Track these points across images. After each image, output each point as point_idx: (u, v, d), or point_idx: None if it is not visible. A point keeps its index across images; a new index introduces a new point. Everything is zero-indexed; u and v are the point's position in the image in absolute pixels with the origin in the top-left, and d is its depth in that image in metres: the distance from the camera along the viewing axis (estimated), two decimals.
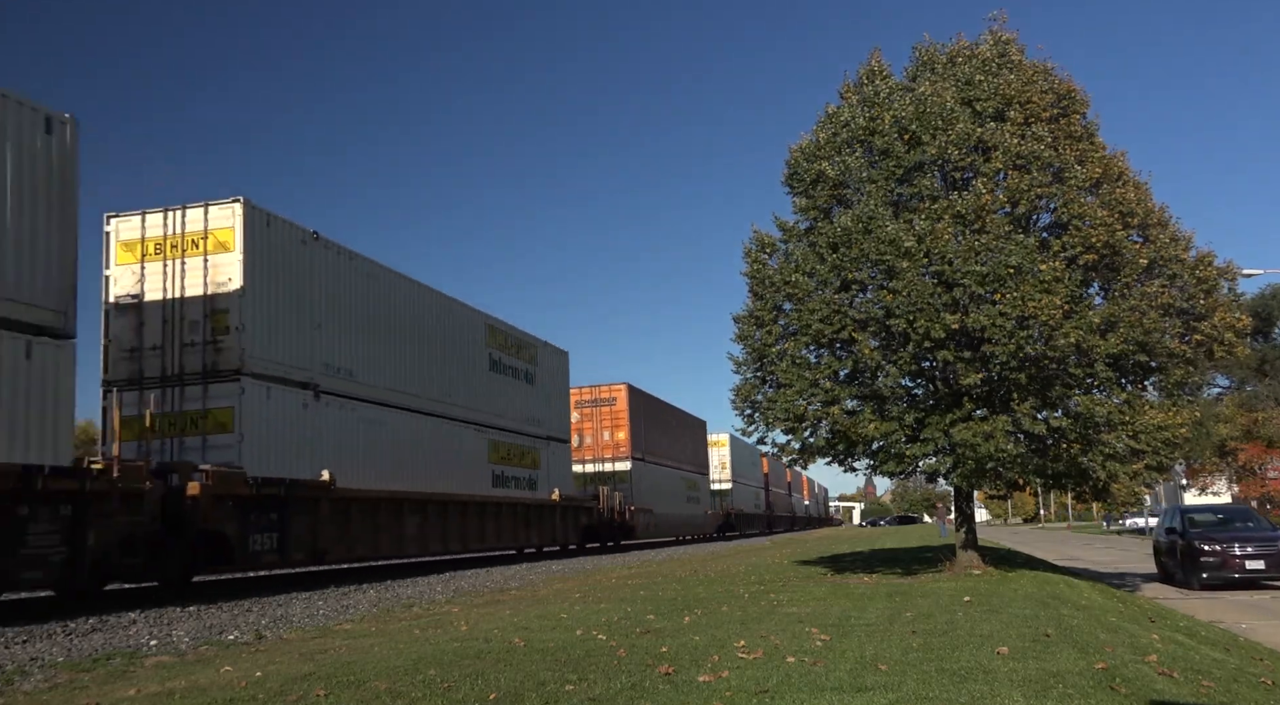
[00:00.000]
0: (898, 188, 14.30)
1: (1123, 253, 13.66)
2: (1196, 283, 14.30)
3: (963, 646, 7.35)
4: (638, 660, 6.93)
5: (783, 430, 14.99)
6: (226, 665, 7.58)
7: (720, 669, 6.40)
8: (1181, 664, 7.09)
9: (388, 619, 11.28)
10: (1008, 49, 14.89)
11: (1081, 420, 13.27)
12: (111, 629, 10.45)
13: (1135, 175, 14.81)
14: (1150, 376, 14.62)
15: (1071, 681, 5.94)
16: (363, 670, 6.79)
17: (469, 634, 9.01)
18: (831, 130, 15.13)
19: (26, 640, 9.55)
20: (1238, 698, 5.93)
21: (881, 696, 5.50)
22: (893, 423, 13.85)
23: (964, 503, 16.64)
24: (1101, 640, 8.00)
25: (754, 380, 15.42)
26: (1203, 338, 14.33)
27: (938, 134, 13.80)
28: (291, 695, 5.93)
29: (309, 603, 13.41)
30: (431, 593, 15.22)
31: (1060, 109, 14.50)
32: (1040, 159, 13.54)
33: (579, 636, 8.46)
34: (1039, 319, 12.61)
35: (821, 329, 13.86)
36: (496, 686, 6.01)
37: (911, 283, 12.98)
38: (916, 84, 14.95)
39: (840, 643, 7.65)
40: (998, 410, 13.77)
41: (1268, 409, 47.06)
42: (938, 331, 12.92)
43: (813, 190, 15.02)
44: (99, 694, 6.49)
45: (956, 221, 13.34)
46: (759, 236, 15.76)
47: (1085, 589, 14.09)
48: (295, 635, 9.88)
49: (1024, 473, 14.17)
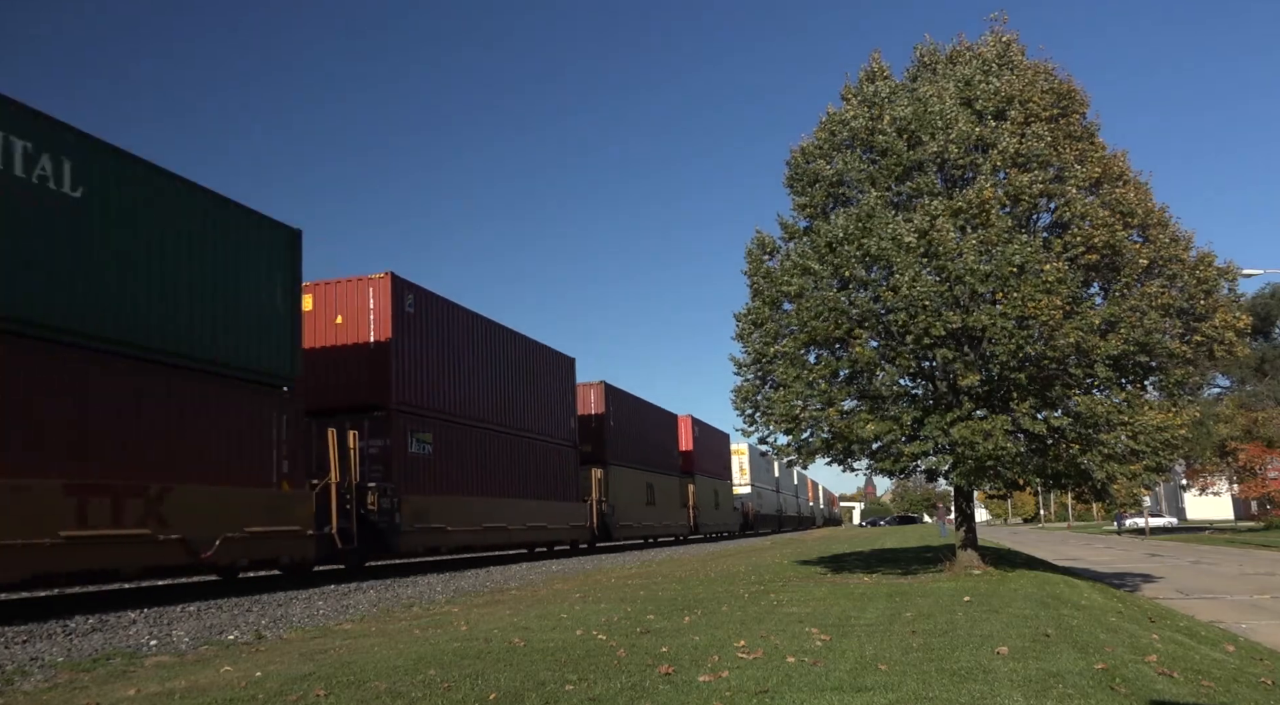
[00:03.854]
0: (897, 186, 14.32)
1: (1123, 253, 13.67)
2: (1196, 283, 14.31)
3: (963, 646, 7.35)
4: (638, 660, 6.93)
5: (781, 431, 15.01)
6: (226, 665, 7.58)
7: (720, 669, 6.40)
8: (1181, 664, 7.09)
9: (388, 619, 11.28)
10: (1008, 49, 14.91)
11: (1081, 420, 13.27)
12: (111, 629, 10.45)
13: (1136, 175, 14.82)
14: (1150, 376, 14.63)
15: (1071, 681, 5.93)
16: (363, 670, 6.79)
17: (469, 634, 9.01)
18: (832, 130, 15.16)
19: (26, 640, 9.55)
20: (1238, 698, 5.92)
21: (881, 696, 5.50)
22: (889, 423, 13.85)
23: (964, 503, 16.65)
24: (1101, 640, 8.00)
25: (754, 381, 15.44)
26: (1203, 338, 14.33)
27: (937, 133, 13.82)
28: (291, 695, 5.93)
29: (309, 603, 13.41)
30: (431, 593, 15.22)
31: (1060, 109, 14.51)
32: (1040, 158, 13.56)
33: (579, 636, 8.46)
34: (1039, 319, 12.62)
35: (821, 328, 13.86)
36: (496, 686, 6.01)
37: (912, 279, 12.99)
38: (917, 85, 14.97)
39: (840, 643, 7.65)
40: (997, 410, 13.78)
41: (1268, 409, 47.04)
42: (938, 329, 12.92)
43: (811, 189, 15.04)
44: (99, 694, 6.49)
45: (957, 217, 13.34)
46: (760, 237, 15.80)
47: (1085, 589, 14.09)
48: (295, 635, 9.88)
49: (1024, 472, 14.19)
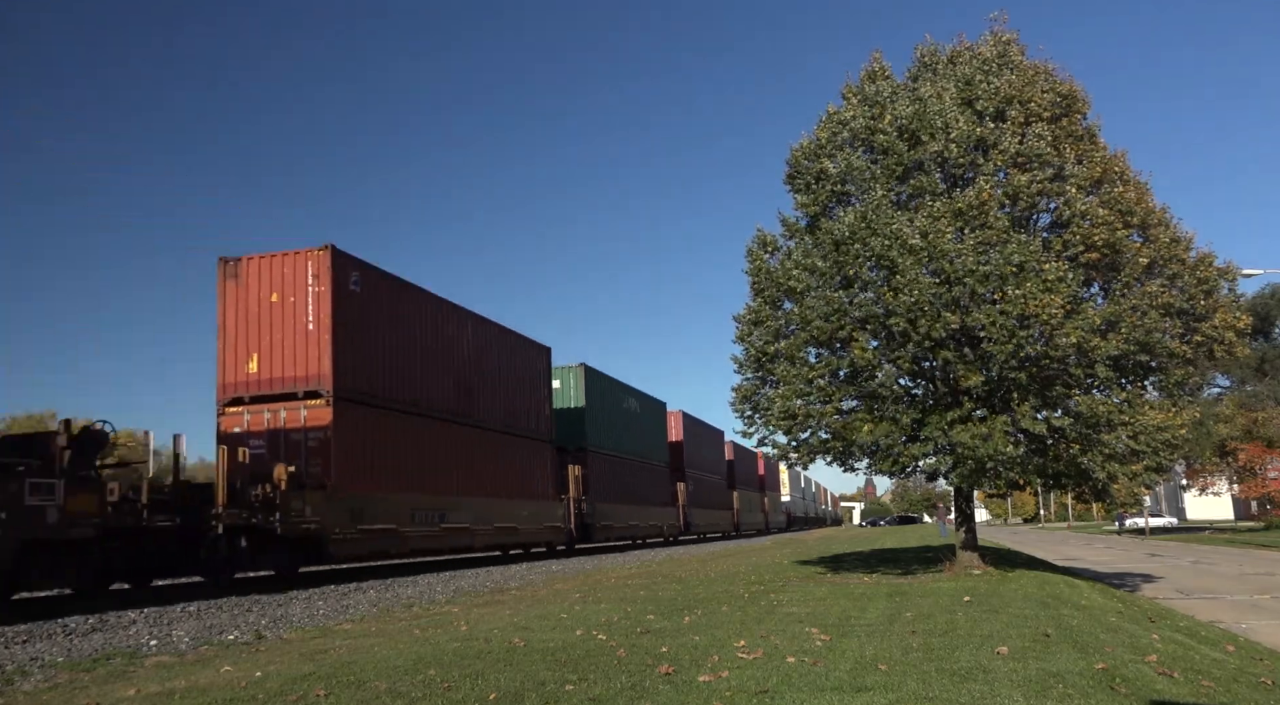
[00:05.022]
0: (898, 186, 14.31)
1: (1123, 252, 13.67)
2: (1196, 283, 14.31)
3: (963, 646, 7.35)
4: (638, 660, 6.93)
5: (781, 430, 15.00)
6: (226, 665, 7.58)
7: (720, 669, 6.40)
8: (1181, 664, 7.09)
9: (388, 619, 11.28)
10: (1008, 49, 14.90)
11: (1082, 420, 13.27)
12: (111, 629, 10.45)
13: (1136, 175, 14.82)
14: (1150, 376, 14.63)
15: (1071, 681, 5.94)
16: (363, 670, 6.79)
17: (469, 634, 9.01)
18: (832, 130, 15.16)
19: (26, 640, 9.55)
20: (1238, 698, 5.92)
21: (881, 696, 5.50)
22: (888, 425, 13.84)
23: (964, 503, 16.64)
24: (1101, 640, 8.00)
25: (754, 381, 15.43)
26: (1203, 338, 14.33)
27: (938, 133, 13.81)
28: (291, 695, 5.93)
29: (309, 603, 13.41)
30: (431, 593, 15.22)
31: (1061, 109, 14.51)
32: (1041, 157, 13.55)
33: (579, 636, 8.46)
34: (1040, 318, 12.61)
35: (821, 327, 13.86)
36: (496, 686, 6.01)
37: (914, 281, 12.98)
38: (918, 85, 14.97)
39: (840, 643, 7.65)
40: (997, 410, 13.77)
41: (1268, 409, 47.02)
42: (938, 331, 12.92)
43: (814, 187, 15.03)
44: (99, 694, 6.49)
45: (957, 218, 13.34)
46: (761, 235, 15.79)
47: (1085, 589, 14.08)
48: (295, 635, 9.89)
49: (1024, 473, 14.18)
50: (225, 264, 19.56)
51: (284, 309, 19.11)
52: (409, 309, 22.31)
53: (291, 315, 19.07)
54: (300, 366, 18.84)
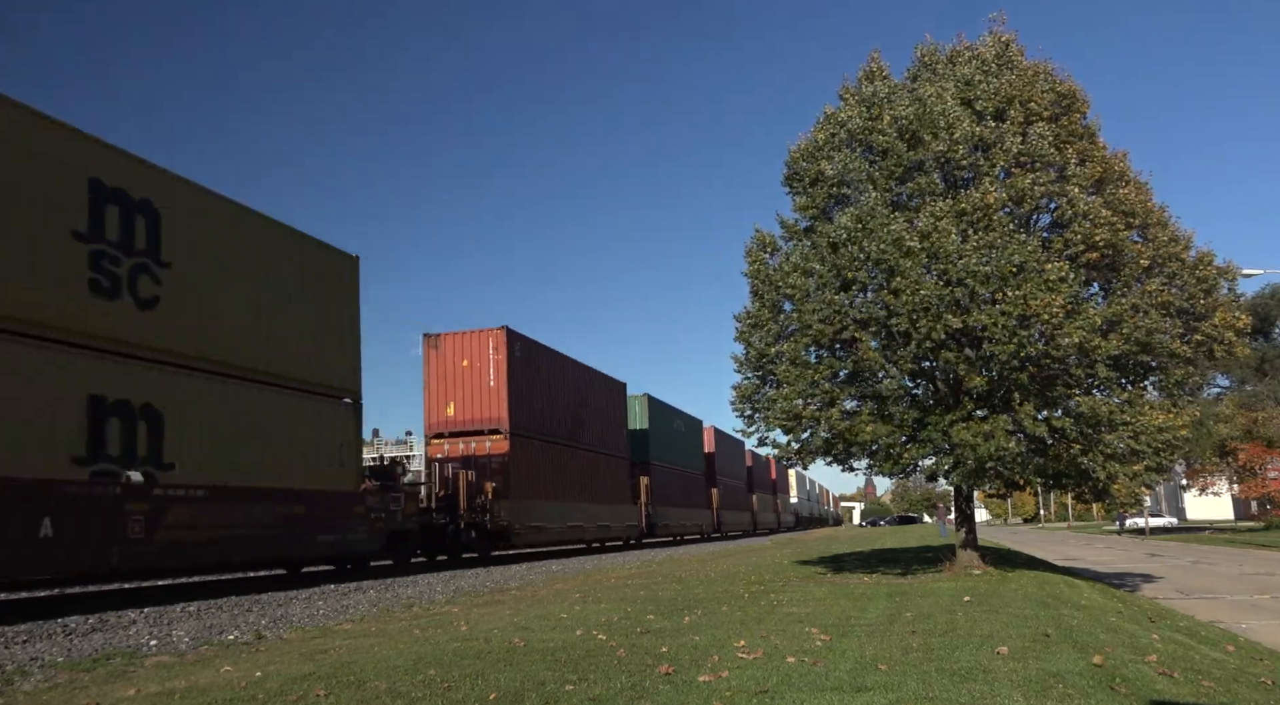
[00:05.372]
0: (898, 187, 14.30)
1: (1124, 251, 13.67)
2: (1196, 282, 14.31)
3: (963, 646, 7.35)
4: (638, 660, 6.93)
5: (781, 430, 15.00)
6: (226, 665, 7.58)
7: (720, 669, 6.40)
8: (1181, 664, 7.09)
9: (388, 619, 11.28)
10: (1008, 49, 14.89)
11: (1083, 420, 13.27)
12: (111, 629, 10.45)
13: (1136, 175, 14.82)
14: (1150, 376, 14.62)
15: (1071, 681, 5.93)
16: (363, 670, 6.79)
17: (469, 634, 9.01)
18: (830, 131, 15.14)
19: (26, 640, 9.55)
20: (1238, 698, 5.92)
21: (881, 696, 5.50)
22: (890, 425, 13.84)
23: (964, 503, 16.64)
24: (1101, 640, 8.00)
25: (754, 381, 15.43)
26: (1203, 338, 14.33)
27: (940, 134, 13.80)
28: (291, 695, 5.93)
29: (309, 603, 13.41)
30: (431, 593, 15.22)
31: (1061, 109, 14.50)
32: (1044, 158, 13.55)
33: (579, 636, 8.46)
34: (1041, 318, 12.61)
35: (822, 329, 13.85)
36: (496, 686, 6.01)
37: (914, 282, 12.98)
38: (917, 85, 14.96)
39: (840, 643, 7.65)
40: (998, 410, 13.77)
41: (1268, 409, 47.03)
42: (939, 332, 12.91)
43: (812, 189, 15.03)
44: (99, 694, 6.49)
45: (960, 219, 13.33)
46: (760, 236, 15.77)
47: (1085, 589, 14.08)
48: (295, 635, 9.89)
49: (1024, 473, 14.18)
50: (428, 338, 27.03)
51: (472, 371, 26.54)
52: (547, 365, 29.80)
53: (478, 375, 26.50)
54: (485, 410, 26.27)
